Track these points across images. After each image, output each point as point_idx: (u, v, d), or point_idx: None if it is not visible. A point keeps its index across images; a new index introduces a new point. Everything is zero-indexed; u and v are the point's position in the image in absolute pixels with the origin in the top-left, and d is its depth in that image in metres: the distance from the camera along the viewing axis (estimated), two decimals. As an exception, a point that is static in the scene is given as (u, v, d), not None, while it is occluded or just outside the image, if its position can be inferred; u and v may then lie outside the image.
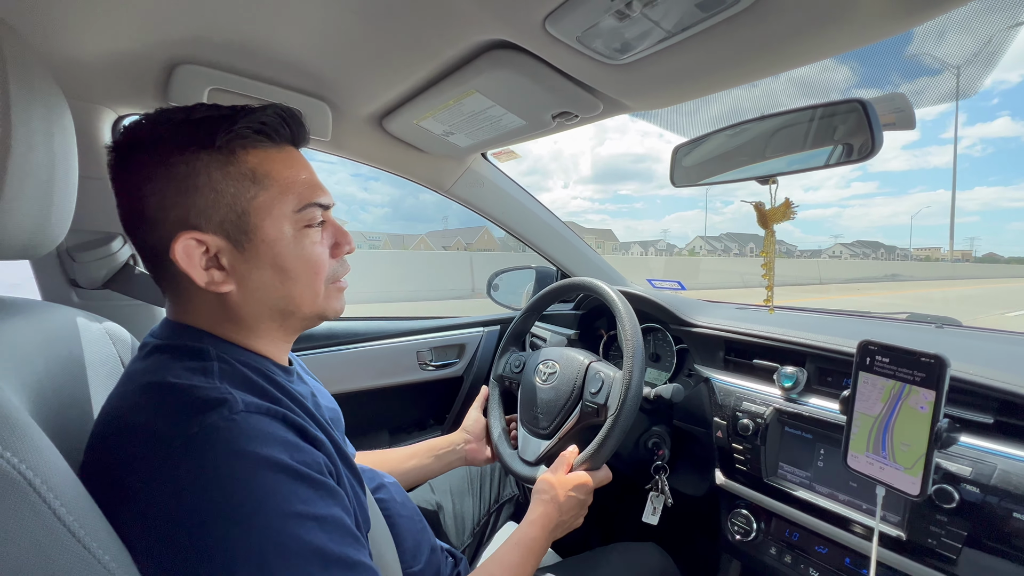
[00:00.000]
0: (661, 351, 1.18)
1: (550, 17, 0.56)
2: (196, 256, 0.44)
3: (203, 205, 0.44)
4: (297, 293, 0.49)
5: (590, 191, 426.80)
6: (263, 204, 0.46)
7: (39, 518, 0.30)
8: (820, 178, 26.11)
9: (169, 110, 0.46)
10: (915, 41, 21.00)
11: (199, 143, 0.44)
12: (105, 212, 0.91)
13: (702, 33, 0.55)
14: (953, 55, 23.91)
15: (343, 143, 1.06)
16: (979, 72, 18.22)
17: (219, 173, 0.44)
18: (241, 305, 0.48)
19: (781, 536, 0.83)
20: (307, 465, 0.41)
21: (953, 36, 20.14)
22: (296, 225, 0.48)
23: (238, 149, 0.45)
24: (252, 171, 0.46)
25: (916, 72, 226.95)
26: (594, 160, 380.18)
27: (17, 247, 0.42)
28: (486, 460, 0.94)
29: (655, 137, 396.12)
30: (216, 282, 0.46)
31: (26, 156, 0.39)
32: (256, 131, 0.46)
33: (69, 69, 0.74)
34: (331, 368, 1.25)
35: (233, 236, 0.45)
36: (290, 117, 0.49)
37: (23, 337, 0.43)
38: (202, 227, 0.44)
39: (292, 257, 0.48)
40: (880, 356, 0.61)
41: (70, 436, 0.43)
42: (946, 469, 0.62)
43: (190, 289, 0.46)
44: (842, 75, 18.95)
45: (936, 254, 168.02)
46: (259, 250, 0.46)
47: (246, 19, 0.67)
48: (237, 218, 0.45)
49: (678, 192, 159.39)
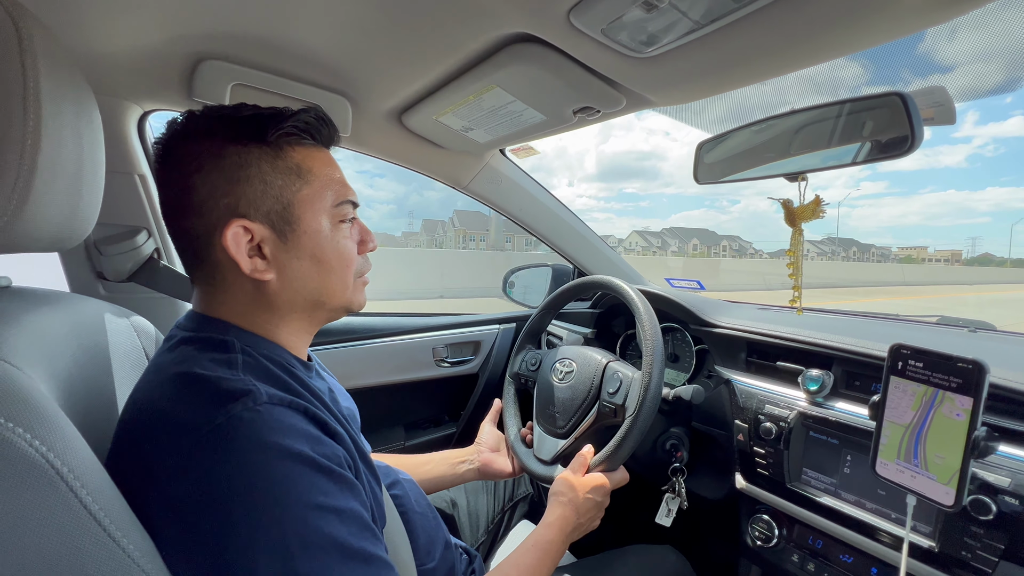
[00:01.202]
0: (680, 352, 1.16)
1: (575, 9, 0.55)
2: (243, 244, 0.46)
3: (252, 195, 0.46)
4: (331, 284, 0.52)
5: (595, 189, 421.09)
6: (306, 197, 0.49)
7: (66, 506, 0.30)
8: (829, 177, 25.27)
9: (217, 107, 0.49)
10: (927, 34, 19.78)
11: (251, 137, 0.47)
12: (131, 205, 0.93)
13: (732, 24, 0.53)
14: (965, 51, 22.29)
15: (362, 139, 1.07)
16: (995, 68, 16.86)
17: (268, 166, 0.47)
18: (278, 293, 0.49)
19: (804, 543, 0.81)
20: (328, 458, 0.42)
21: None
22: (333, 219, 0.51)
23: (285, 145, 0.48)
24: (298, 166, 0.49)
25: (927, 68, 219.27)
26: (599, 157, 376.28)
27: (47, 240, 0.42)
28: (500, 473, 0.93)
29: (660, 135, 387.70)
30: (259, 270, 0.48)
31: (56, 151, 0.39)
32: (302, 130, 0.49)
33: (97, 65, 0.76)
34: (348, 363, 1.26)
35: (278, 226, 0.48)
36: (328, 120, 0.52)
37: (52, 328, 0.44)
38: (250, 216, 0.47)
39: (329, 249, 0.51)
40: (913, 361, 0.58)
41: (96, 425, 0.44)
42: (983, 479, 0.59)
43: (228, 278, 0.48)
44: (851, 72, 18.15)
45: (922, 254, 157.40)
46: (300, 241, 0.49)
47: (269, 15, 0.67)
48: (283, 209, 0.48)
49: (684, 191, 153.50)
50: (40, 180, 0.38)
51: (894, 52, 0.62)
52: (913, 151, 0.54)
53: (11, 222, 0.37)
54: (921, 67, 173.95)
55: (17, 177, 0.36)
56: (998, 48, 0.73)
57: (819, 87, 0.81)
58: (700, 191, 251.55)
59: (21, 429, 0.29)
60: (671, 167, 29.07)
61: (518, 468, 0.93)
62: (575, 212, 1.40)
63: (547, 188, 1.35)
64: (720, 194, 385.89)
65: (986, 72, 1.32)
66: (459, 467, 0.91)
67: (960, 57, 2.08)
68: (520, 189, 1.31)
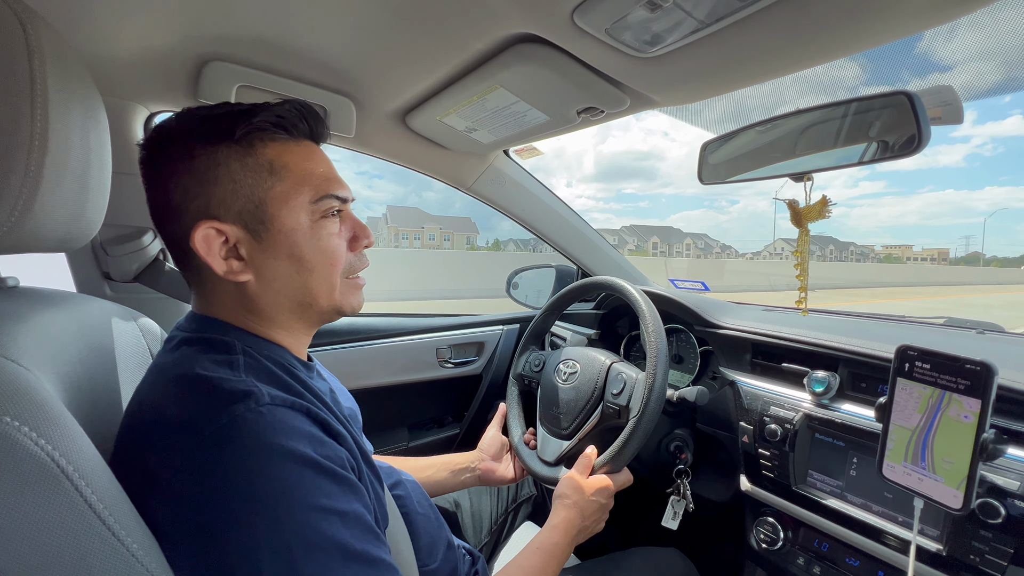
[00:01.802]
0: (684, 353, 1.15)
1: (579, 9, 0.54)
2: (215, 245, 0.46)
3: (222, 195, 0.45)
4: (313, 284, 0.50)
5: (593, 189, 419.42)
6: (280, 194, 0.47)
7: (71, 505, 0.30)
8: (827, 177, 24.98)
9: (195, 108, 0.47)
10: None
11: (219, 136, 0.45)
12: (137, 206, 0.93)
13: (737, 23, 0.53)
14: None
15: (366, 139, 1.07)
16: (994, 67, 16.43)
17: (238, 164, 0.46)
18: (259, 295, 0.48)
19: (810, 546, 0.80)
20: (330, 459, 0.42)
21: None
22: (313, 216, 0.49)
23: (256, 142, 0.47)
24: (270, 163, 0.47)
25: (927, 67, 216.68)
26: (597, 158, 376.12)
27: (54, 240, 0.43)
28: (501, 480, 0.93)
29: (659, 135, 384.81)
30: (234, 271, 0.47)
31: (63, 152, 0.40)
32: (274, 124, 0.47)
33: (104, 66, 0.76)
34: (352, 364, 1.26)
35: (251, 226, 0.47)
36: (309, 113, 0.50)
37: (59, 328, 0.44)
38: (221, 217, 0.46)
39: (309, 247, 0.49)
40: (920, 362, 0.58)
41: (101, 425, 0.44)
42: (991, 482, 0.59)
43: (212, 280, 0.48)
44: (851, 72, 17.81)
45: (907, 253, 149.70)
46: (276, 240, 0.47)
47: (275, 17, 0.67)
48: (255, 208, 0.46)
49: (683, 191, 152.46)
50: (47, 181, 0.38)
51: (892, 51, 0.61)
52: (920, 151, 0.54)
53: (19, 223, 0.37)
54: (920, 66, 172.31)
55: (24, 178, 0.37)
56: (996, 47, 0.73)
57: (816, 87, 0.81)
58: (699, 191, 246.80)
59: (28, 428, 0.29)
60: (669, 167, 28.43)
61: (521, 472, 0.93)
62: (578, 213, 1.40)
63: (549, 188, 1.35)
64: (719, 194, 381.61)
65: (984, 71, 1.32)
66: (461, 475, 0.90)
67: (958, 56, 2.06)
68: (524, 190, 1.31)
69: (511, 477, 0.93)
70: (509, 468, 0.94)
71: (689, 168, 22.71)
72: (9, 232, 0.37)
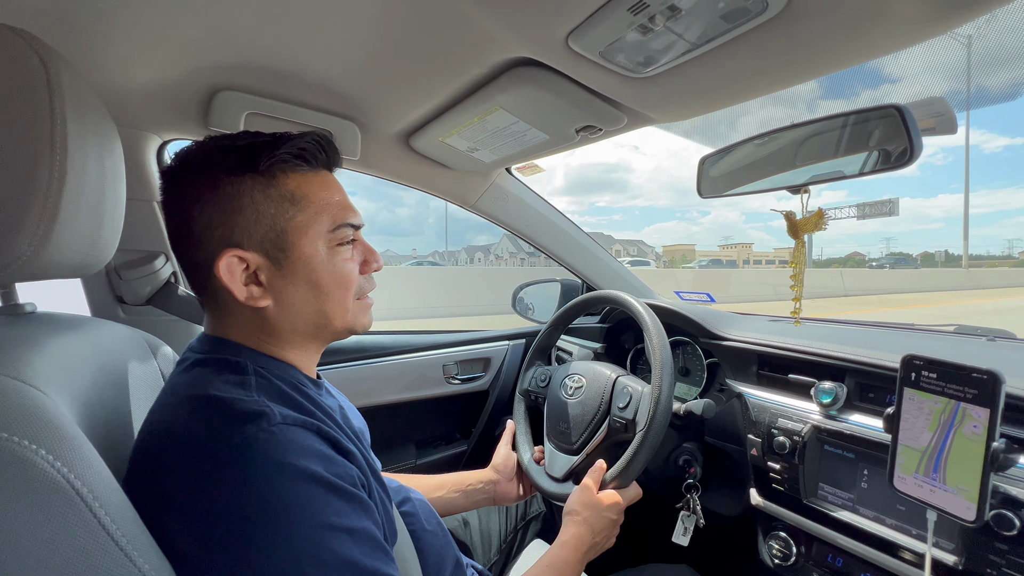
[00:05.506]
0: (691, 365, 1.15)
1: (573, 33, 0.56)
2: (237, 272, 0.47)
3: (246, 224, 0.47)
4: (329, 307, 0.51)
5: (564, 203, 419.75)
6: (300, 224, 0.49)
7: (85, 526, 0.31)
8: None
9: (217, 137, 0.49)
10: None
11: (244, 167, 0.47)
12: (149, 231, 0.96)
13: (727, 44, 0.54)
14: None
15: (371, 161, 1.09)
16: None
17: (261, 195, 0.47)
18: (277, 319, 0.50)
19: (823, 561, 0.78)
20: (341, 478, 0.42)
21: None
22: (330, 243, 0.51)
23: (279, 173, 0.48)
24: (291, 193, 0.49)
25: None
26: (566, 171, 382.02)
27: (70, 267, 0.44)
28: (515, 499, 0.92)
29: (628, 148, 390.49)
30: (254, 297, 0.48)
31: (80, 182, 0.41)
32: (295, 156, 0.49)
33: (118, 97, 0.79)
34: (359, 381, 1.27)
35: (272, 254, 0.48)
36: (326, 143, 0.52)
37: (74, 352, 0.45)
38: (244, 245, 0.47)
39: (325, 273, 0.50)
40: (926, 371, 0.57)
41: (114, 446, 0.45)
42: (1005, 493, 0.58)
43: (230, 303, 0.49)
44: (807, 86, 17.26)
45: (743, 253, 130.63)
46: (295, 267, 0.49)
47: (282, 46, 0.70)
48: (276, 237, 0.48)
49: (654, 203, 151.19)
50: (65, 211, 0.40)
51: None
52: (913, 163, 0.54)
53: (38, 252, 0.39)
54: (871, 79, 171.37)
55: (44, 209, 0.38)
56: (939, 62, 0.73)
57: (785, 100, 0.82)
58: (670, 203, 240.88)
59: (44, 451, 0.30)
60: (639, 179, 27.70)
61: (528, 488, 0.93)
62: (580, 226, 1.41)
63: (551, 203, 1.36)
64: (690, 206, 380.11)
65: (932, 82, 1.32)
66: (474, 496, 0.90)
67: (906, 71, 2.07)
68: (526, 206, 1.32)
69: (522, 494, 0.92)
70: (521, 485, 0.94)
71: (659, 181, 21.50)
72: (29, 261, 0.39)
